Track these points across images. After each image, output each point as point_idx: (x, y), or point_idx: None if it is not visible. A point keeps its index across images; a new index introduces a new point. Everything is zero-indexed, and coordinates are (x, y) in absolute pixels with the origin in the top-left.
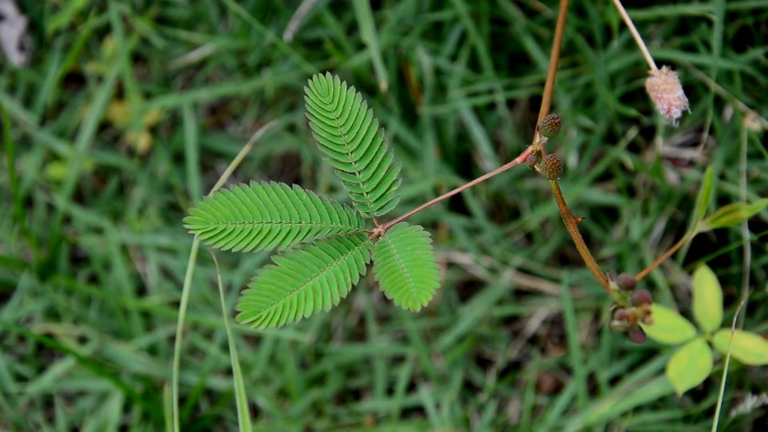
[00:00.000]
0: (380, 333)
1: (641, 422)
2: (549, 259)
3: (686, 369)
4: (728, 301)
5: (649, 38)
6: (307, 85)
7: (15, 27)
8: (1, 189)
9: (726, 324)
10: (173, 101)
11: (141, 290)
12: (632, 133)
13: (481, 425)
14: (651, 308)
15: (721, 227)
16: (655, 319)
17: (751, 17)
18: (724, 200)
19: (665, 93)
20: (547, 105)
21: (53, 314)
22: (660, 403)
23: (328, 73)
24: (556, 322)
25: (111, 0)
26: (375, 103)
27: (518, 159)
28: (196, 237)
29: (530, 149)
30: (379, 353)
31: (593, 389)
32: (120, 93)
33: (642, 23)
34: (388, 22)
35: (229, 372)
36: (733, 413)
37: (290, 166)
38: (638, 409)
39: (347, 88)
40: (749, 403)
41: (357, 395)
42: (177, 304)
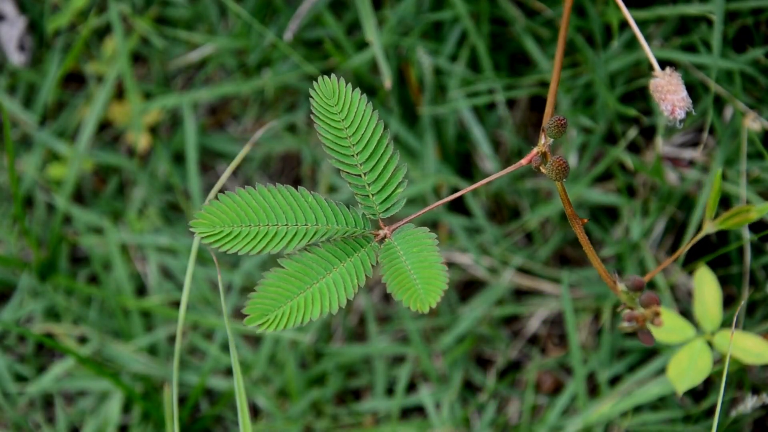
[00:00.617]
0: (380, 333)
1: (641, 422)
2: (549, 259)
3: (686, 369)
4: (728, 301)
5: (650, 38)
6: (310, 86)
7: (15, 27)
8: (1, 189)
9: (726, 324)
10: (173, 101)
11: (141, 290)
12: (632, 133)
13: (481, 425)
14: (660, 310)
15: (729, 229)
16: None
17: (751, 17)
18: (724, 200)
19: (669, 94)
20: (552, 106)
21: (53, 314)
22: (660, 403)
23: (333, 75)
24: (556, 322)
25: (111, 0)
26: (375, 103)
27: (523, 160)
28: (202, 240)
29: (535, 150)
30: (379, 353)
31: (593, 389)
32: (120, 93)
33: (642, 23)
34: (388, 22)
35: (229, 372)
36: (733, 413)
37: (290, 166)
38: (638, 409)
39: (352, 90)
40: (749, 403)
41: (357, 395)
42: (177, 304)
